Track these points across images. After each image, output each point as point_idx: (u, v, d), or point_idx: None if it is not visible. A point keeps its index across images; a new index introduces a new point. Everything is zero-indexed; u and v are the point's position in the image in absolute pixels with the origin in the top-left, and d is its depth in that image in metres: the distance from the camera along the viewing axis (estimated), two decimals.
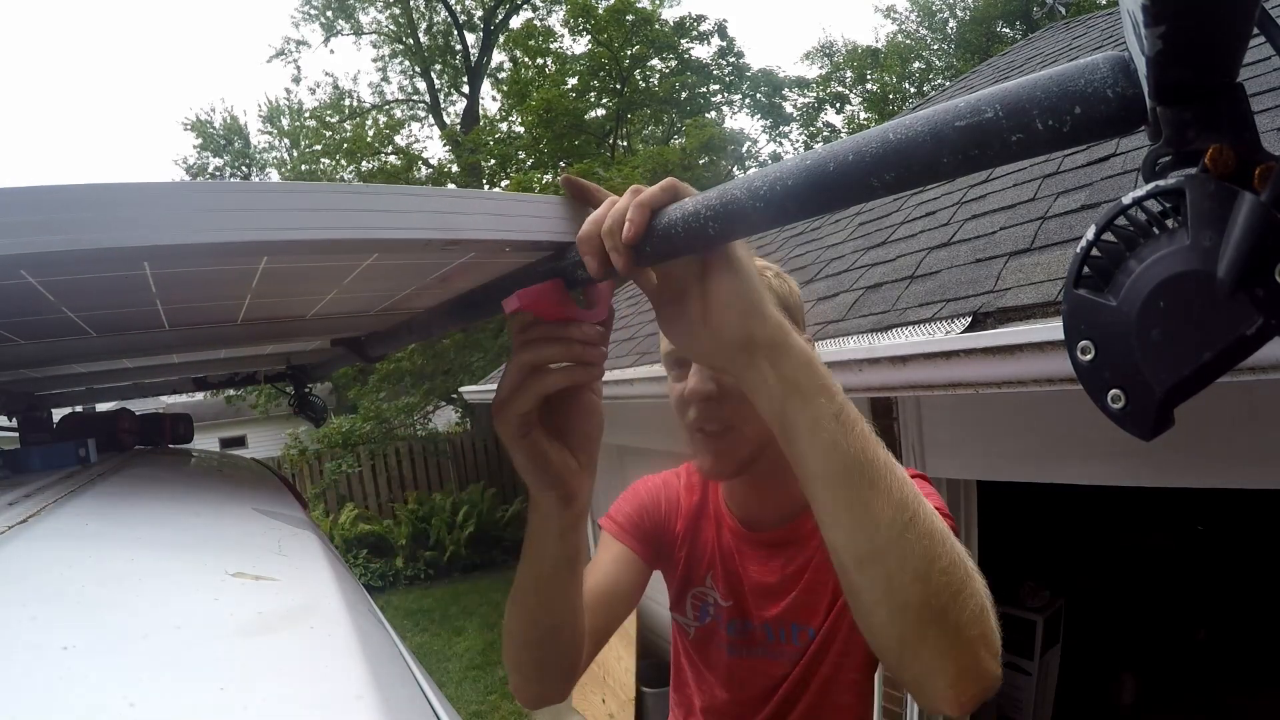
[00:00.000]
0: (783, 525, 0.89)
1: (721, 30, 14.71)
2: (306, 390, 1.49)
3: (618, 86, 13.60)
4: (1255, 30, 0.27)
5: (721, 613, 0.91)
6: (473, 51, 16.25)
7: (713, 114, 15.25)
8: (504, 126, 14.41)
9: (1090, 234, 0.32)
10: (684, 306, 0.54)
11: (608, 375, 2.98)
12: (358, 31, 16.66)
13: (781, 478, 0.88)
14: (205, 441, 8.88)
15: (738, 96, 16.21)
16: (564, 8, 14.13)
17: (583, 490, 0.61)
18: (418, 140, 17.89)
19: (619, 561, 0.90)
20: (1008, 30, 17.19)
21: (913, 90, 18.07)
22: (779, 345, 0.50)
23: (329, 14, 16.37)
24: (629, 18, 13.17)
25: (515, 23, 15.63)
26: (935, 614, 0.49)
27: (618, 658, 4.09)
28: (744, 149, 15.10)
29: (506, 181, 11.81)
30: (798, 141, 17.41)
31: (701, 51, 14.86)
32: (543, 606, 0.67)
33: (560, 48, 14.31)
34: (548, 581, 0.64)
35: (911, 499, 0.50)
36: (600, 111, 14.00)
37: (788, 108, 17.16)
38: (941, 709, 0.53)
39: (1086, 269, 0.32)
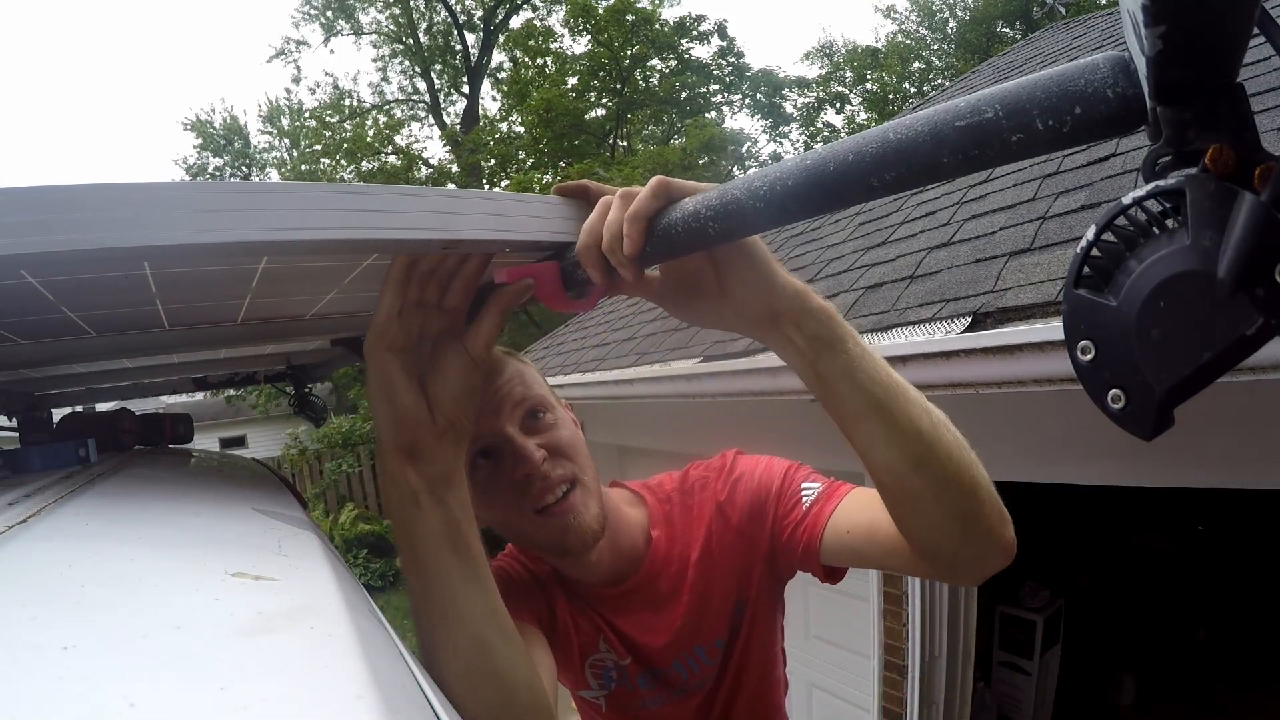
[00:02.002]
0: (637, 568, 0.84)
1: (721, 30, 14.74)
2: (306, 390, 1.49)
3: (618, 86, 13.62)
4: (1255, 30, 0.27)
5: (626, 672, 0.85)
6: (473, 51, 16.26)
7: (713, 114, 15.28)
8: (504, 126, 14.45)
9: (1090, 234, 0.32)
10: (699, 292, 0.57)
11: (607, 375, 2.99)
12: (358, 31, 16.67)
13: (616, 524, 0.81)
14: (205, 441, 8.88)
15: (738, 96, 16.23)
16: (564, 8, 14.15)
17: (429, 445, 0.55)
18: (418, 140, 17.93)
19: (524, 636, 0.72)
20: (1008, 30, 17.19)
21: (913, 90, 18.06)
22: (800, 311, 0.55)
23: (329, 14, 16.38)
24: (629, 18, 13.19)
25: (515, 23, 15.66)
26: (976, 485, 0.58)
27: None
28: (744, 149, 15.13)
29: (506, 181, 11.83)
30: (798, 141, 17.43)
31: (701, 51, 14.90)
32: (438, 606, 0.55)
33: (560, 48, 14.33)
34: (432, 567, 0.55)
35: (925, 401, 0.58)
36: (600, 111, 14.02)
37: (788, 108, 17.20)
38: (1000, 564, 0.62)
39: (1087, 269, 0.32)
